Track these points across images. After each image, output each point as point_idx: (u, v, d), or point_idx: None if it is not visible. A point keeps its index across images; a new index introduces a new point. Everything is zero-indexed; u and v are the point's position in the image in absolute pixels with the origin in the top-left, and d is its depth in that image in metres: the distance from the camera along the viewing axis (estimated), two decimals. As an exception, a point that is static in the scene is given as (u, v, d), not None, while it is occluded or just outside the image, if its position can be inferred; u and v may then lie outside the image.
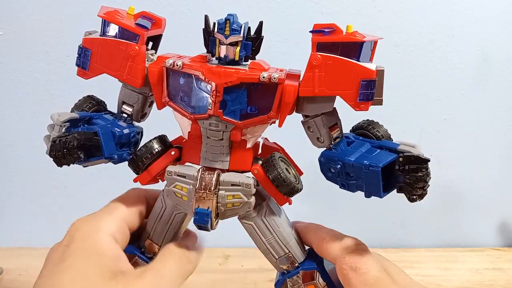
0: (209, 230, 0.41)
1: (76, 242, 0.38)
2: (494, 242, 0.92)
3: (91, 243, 0.38)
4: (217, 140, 0.41)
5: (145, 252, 0.45)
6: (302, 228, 0.46)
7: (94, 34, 0.42)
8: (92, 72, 0.42)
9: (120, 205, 0.43)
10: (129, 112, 0.44)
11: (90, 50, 0.42)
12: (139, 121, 0.45)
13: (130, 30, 0.41)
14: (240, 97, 0.39)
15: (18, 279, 0.73)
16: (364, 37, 0.38)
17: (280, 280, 0.45)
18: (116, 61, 0.41)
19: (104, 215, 0.41)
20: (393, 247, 0.86)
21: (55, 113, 0.41)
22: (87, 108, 0.44)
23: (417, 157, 0.37)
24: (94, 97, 0.46)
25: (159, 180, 0.44)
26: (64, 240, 0.39)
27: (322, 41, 0.38)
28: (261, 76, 0.38)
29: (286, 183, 0.40)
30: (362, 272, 0.39)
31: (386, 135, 0.43)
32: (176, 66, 0.39)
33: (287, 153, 0.45)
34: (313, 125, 0.42)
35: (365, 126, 0.43)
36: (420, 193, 0.38)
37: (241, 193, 0.40)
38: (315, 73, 0.38)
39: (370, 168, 0.38)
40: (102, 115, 0.44)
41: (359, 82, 0.38)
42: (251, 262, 0.77)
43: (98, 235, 0.39)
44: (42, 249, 0.80)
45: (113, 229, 0.40)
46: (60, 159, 0.39)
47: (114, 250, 0.39)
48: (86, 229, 0.39)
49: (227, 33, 0.38)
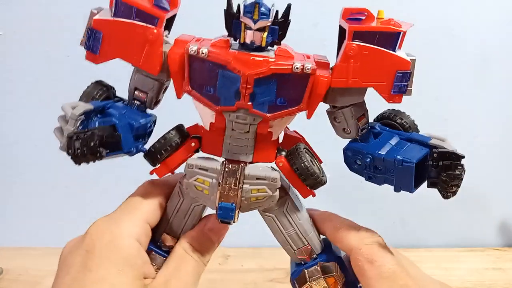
0: (231, 224, 0.40)
1: (100, 249, 0.36)
2: (494, 242, 0.92)
3: (119, 252, 0.36)
4: (242, 132, 0.38)
5: (161, 246, 0.42)
6: (317, 216, 0.45)
7: (102, 13, 0.38)
8: (103, 56, 0.38)
9: (140, 202, 0.40)
10: (143, 99, 0.41)
11: (101, 32, 0.37)
12: (152, 109, 0.42)
13: (148, 12, 0.36)
14: (270, 89, 0.37)
15: (18, 279, 0.73)
16: (400, 26, 0.36)
17: (296, 271, 0.44)
18: (131, 46, 0.37)
19: (125, 216, 0.39)
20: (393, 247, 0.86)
21: (67, 104, 0.38)
22: (97, 95, 0.41)
23: (452, 153, 0.37)
24: (103, 82, 0.42)
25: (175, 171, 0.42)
26: (84, 244, 0.37)
27: (358, 30, 0.36)
28: (294, 67, 0.36)
29: (313, 176, 0.39)
30: (378, 264, 0.39)
31: (413, 126, 0.42)
32: (202, 54, 0.36)
33: (307, 142, 0.43)
34: (341, 115, 0.40)
35: (392, 116, 0.42)
36: (455, 190, 0.37)
37: (267, 187, 0.39)
38: (350, 63, 0.36)
39: (403, 164, 0.38)
40: (114, 104, 0.41)
41: (394, 73, 0.36)
42: (251, 262, 0.77)
43: (124, 241, 0.37)
44: (42, 249, 0.81)
45: (137, 232, 0.38)
46: (79, 158, 0.36)
47: (142, 257, 0.38)
48: (110, 234, 0.37)
49: (256, 17, 0.35)
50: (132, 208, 0.40)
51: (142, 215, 0.40)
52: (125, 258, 0.36)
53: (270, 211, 0.42)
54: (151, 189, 0.42)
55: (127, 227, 0.38)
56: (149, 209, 0.41)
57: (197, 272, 0.41)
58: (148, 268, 0.39)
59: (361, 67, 0.36)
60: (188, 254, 0.41)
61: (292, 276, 0.45)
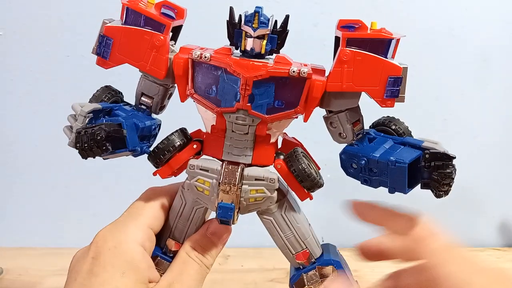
0: (230, 224, 0.41)
1: (106, 255, 0.37)
2: (494, 242, 0.92)
3: (123, 256, 0.37)
4: (242, 134, 0.40)
5: (167, 251, 0.44)
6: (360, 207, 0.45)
7: (114, 23, 0.41)
8: (112, 61, 0.41)
9: (144, 208, 0.42)
10: (149, 104, 0.43)
11: (112, 39, 0.40)
12: (158, 114, 0.44)
13: (155, 20, 0.40)
14: (268, 91, 0.39)
15: (18, 279, 0.73)
16: (392, 34, 0.38)
17: (295, 275, 0.45)
18: (139, 51, 0.40)
19: (129, 222, 0.40)
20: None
21: (76, 103, 0.40)
22: (106, 98, 0.43)
23: (444, 154, 0.38)
24: (112, 87, 0.45)
25: (178, 173, 0.43)
26: (91, 252, 0.38)
27: (352, 37, 0.38)
28: (291, 71, 0.38)
29: (310, 178, 0.40)
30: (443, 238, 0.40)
31: (407, 132, 0.43)
32: (204, 58, 0.39)
33: (305, 148, 0.45)
34: (337, 120, 0.42)
35: (386, 123, 0.44)
36: (446, 189, 0.39)
37: (265, 187, 0.40)
38: (344, 68, 0.38)
39: (396, 165, 0.39)
40: (122, 106, 0.43)
41: (386, 78, 0.38)
42: (251, 262, 0.77)
43: (127, 246, 0.38)
44: (42, 249, 0.81)
45: (141, 238, 0.39)
46: (86, 151, 0.38)
47: (146, 262, 0.39)
48: (114, 240, 0.38)
49: (255, 26, 0.38)
50: (136, 215, 0.41)
51: (145, 220, 0.41)
52: (128, 262, 0.37)
53: (268, 214, 0.43)
54: (153, 196, 0.43)
55: (131, 233, 0.39)
56: (152, 215, 0.42)
57: (201, 276, 0.41)
58: (152, 272, 0.40)
59: (355, 72, 0.38)
60: (191, 257, 0.41)
61: (291, 280, 0.46)
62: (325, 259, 0.44)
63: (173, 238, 0.44)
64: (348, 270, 0.45)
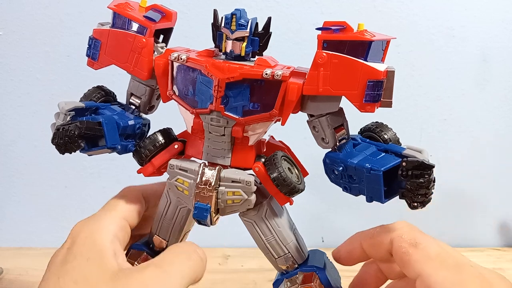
0: (208, 225, 0.41)
1: (77, 244, 0.38)
2: (494, 242, 0.92)
3: (92, 244, 0.38)
4: (218, 135, 0.40)
5: (153, 247, 0.45)
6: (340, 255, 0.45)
7: (106, 26, 0.43)
8: (101, 62, 0.43)
9: (119, 203, 0.43)
10: (137, 103, 0.44)
11: (100, 41, 0.42)
12: (147, 113, 0.46)
13: (138, 22, 0.41)
14: (243, 93, 0.39)
15: (18, 279, 0.73)
16: (373, 36, 0.36)
17: (278, 280, 0.45)
18: (124, 53, 0.41)
19: (104, 214, 0.41)
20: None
21: (62, 101, 0.41)
22: (95, 98, 0.44)
23: (421, 162, 0.36)
24: (104, 87, 0.46)
25: (163, 172, 0.44)
26: (66, 243, 0.39)
27: (328, 39, 0.37)
28: (264, 73, 0.38)
29: (286, 182, 0.39)
30: (423, 247, 0.39)
31: (394, 139, 0.42)
32: (180, 60, 0.39)
33: (292, 152, 0.44)
34: (318, 125, 0.41)
35: (373, 129, 0.43)
36: (422, 200, 0.37)
37: (241, 190, 0.40)
38: (320, 71, 0.37)
39: (371, 172, 0.38)
40: (110, 106, 0.44)
41: (365, 82, 0.36)
42: (251, 262, 0.77)
43: (98, 235, 0.39)
44: (42, 249, 0.81)
45: (114, 228, 0.40)
46: (61, 147, 0.40)
47: (113, 249, 0.39)
48: (87, 231, 0.39)
49: (233, 28, 0.38)
50: (111, 207, 0.42)
51: (119, 212, 0.42)
52: (96, 249, 0.38)
53: (249, 217, 0.43)
54: (128, 192, 0.44)
55: (105, 223, 0.40)
56: (126, 208, 0.42)
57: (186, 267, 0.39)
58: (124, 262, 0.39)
59: (332, 75, 0.37)
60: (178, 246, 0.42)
61: (274, 285, 0.46)
62: (308, 265, 0.44)
63: (160, 236, 0.45)
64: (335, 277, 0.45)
